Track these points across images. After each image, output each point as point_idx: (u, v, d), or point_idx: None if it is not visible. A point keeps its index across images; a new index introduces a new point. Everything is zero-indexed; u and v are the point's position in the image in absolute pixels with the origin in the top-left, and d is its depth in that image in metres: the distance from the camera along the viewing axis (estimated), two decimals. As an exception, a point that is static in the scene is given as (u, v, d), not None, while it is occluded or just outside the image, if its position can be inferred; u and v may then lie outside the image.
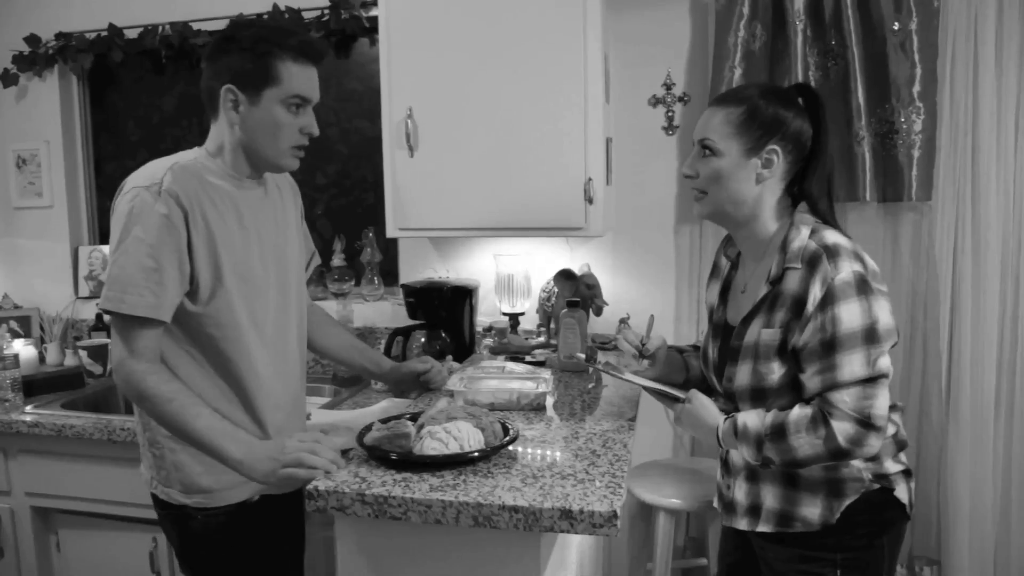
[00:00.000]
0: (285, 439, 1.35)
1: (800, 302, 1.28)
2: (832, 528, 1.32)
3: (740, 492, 1.43)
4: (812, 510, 1.33)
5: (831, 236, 1.30)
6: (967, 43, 2.25)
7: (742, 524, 1.42)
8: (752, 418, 1.31)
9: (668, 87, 2.54)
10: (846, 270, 1.25)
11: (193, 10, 2.78)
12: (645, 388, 1.47)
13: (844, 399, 1.23)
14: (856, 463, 1.32)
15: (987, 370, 2.32)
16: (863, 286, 1.25)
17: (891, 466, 1.34)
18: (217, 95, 1.40)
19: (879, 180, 2.30)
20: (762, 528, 1.38)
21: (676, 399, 1.43)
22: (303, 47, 1.40)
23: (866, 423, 1.23)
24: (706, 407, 1.39)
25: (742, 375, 1.35)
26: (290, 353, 1.58)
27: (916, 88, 2.22)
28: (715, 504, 1.56)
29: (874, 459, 1.33)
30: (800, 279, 1.28)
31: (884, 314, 1.26)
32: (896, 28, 2.22)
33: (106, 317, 1.51)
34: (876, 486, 1.33)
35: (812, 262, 1.27)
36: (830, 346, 1.24)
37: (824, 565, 1.34)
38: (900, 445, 1.38)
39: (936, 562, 2.40)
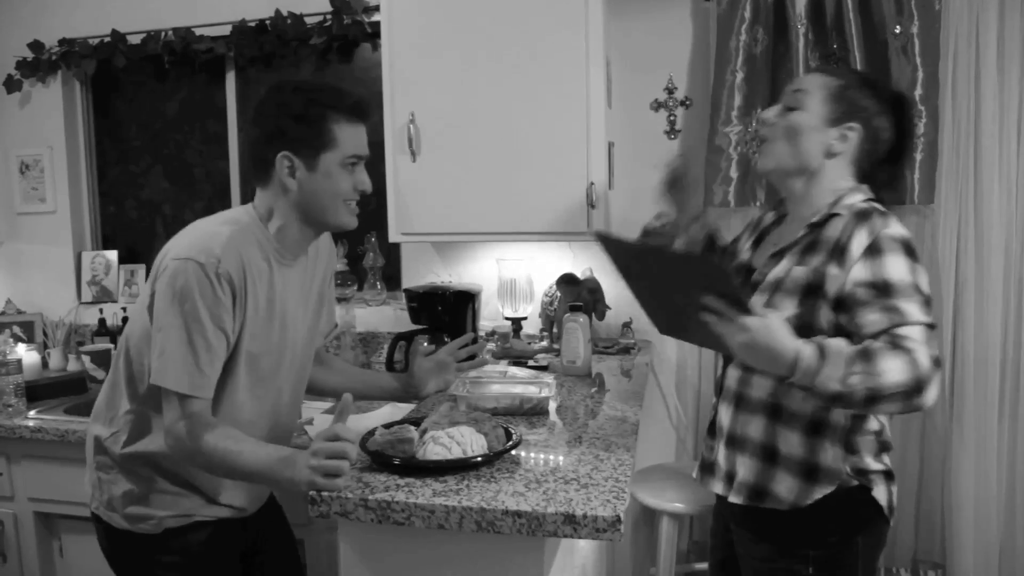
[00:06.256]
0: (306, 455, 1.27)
1: (840, 248, 1.25)
2: (805, 518, 1.32)
3: (721, 455, 1.44)
4: (784, 487, 1.32)
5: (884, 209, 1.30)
6: (968, 46, 2.25)
7: (718, 488, 1.43)
8: (833, 340, 1.19)
9: (670, 91, 2.54)
10: (896, 228, 1.25)
11: (196, 16, 2.79)
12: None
13: (915, 335, 1.17)
14: (836, 453, 1.30)
15: (991, 372, 2.32)
16: (910, 250, 1.24)
17: (872, 464, 1.33)
18: (270, 162, 1.38)
19: (881, 183, 2.30)
20: (734, 499, 1.39)
21: (740, 304, 1.16)
22: (355, 108, 1.40)
23: (937, 363, 1.17)
24: (784, 325, 1.18)
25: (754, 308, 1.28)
26: (277, 402, 1.54)
27: (918, 91, 2.22)
28: (695, 475, 1.54)
29: (854, 452, 1.32)
30: (844, 226, 1.27)
31: (927, 283, 1.24)
32: (898, 31, 2.22)
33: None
34: (854, 482, 1.32)
35: (861, 215, 1.27)
36: (885, 290, 1.20)
37: (798, 561, 1.34)
38: (883, 446, 1.36)
39: (941, 566, 2.39)
